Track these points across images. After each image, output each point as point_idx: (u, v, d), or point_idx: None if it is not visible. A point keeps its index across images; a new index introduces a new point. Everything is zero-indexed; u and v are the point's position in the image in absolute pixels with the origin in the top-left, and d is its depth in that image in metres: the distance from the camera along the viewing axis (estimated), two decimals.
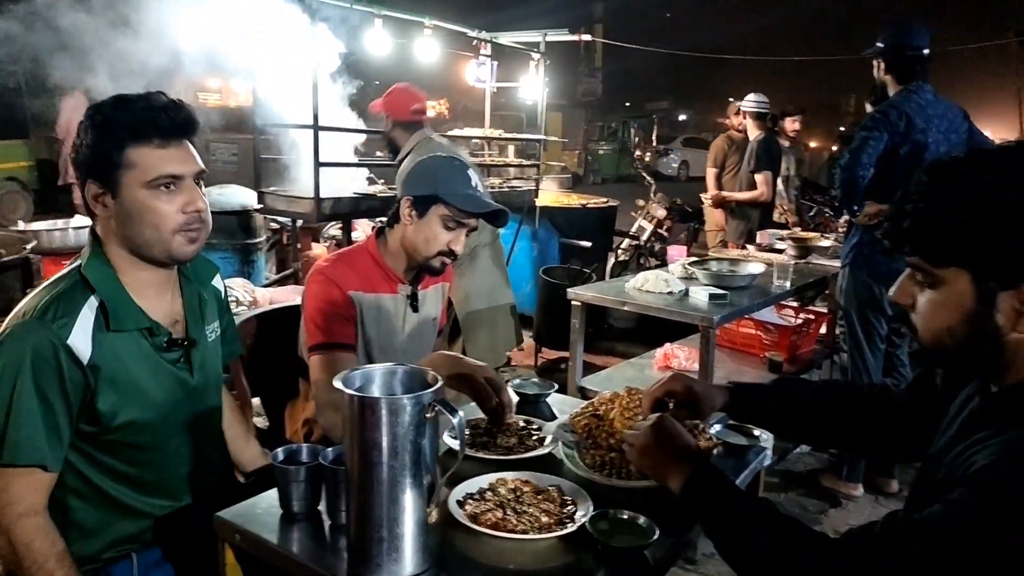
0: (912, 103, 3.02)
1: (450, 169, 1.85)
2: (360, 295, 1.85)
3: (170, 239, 1.35)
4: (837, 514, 3.22)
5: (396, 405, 1.04)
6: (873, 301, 3.16)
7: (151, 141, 1.32)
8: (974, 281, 0.95)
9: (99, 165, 1.32)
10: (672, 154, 23.13)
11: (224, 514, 1.21)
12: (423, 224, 1.83)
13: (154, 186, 1.32)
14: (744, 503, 1.06)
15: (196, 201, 1.37)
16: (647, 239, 6.52)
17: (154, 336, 1.40)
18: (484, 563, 1.13)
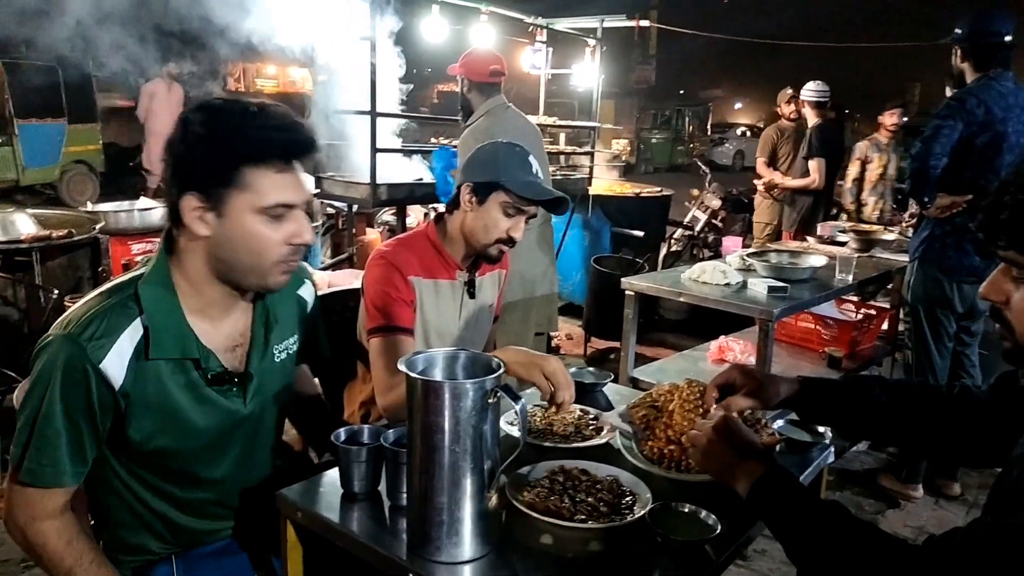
0: (991, 91, 2.88)
1: (511, 155, 1.84)
2: (419, 280, 1.86)
3: (269, 269, 1.25)
4: (895, 515, 3.13)
5: (459, 389, 1.04)
6: (942, 298, 3.04)
7: (272, 164, 1.19)
8: None
9: (207, 179, 1.18)
10: (727, 143, 22.71)
11: (286, 492, 1.24)
12: (483, 211, 1.82)
13: (266, 213, 1.20)
14: (816, 508, 1.03)
15: (304, 233, 1.25)
16: (701, 229, 6.42)
17: (201, 368, 1.29)
18: (542, 550, 1.13)
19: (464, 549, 1.07)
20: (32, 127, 10.13)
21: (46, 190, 10.62)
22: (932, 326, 3.11)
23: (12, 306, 3.41)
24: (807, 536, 1.01)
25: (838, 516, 1.00)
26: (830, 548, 0.97)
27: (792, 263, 3.13)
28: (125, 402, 1.22)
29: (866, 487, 3.33)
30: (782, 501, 1.07)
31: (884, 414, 1.32)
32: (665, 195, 6.14)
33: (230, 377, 1.33)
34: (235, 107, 1.21)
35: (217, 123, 1.19)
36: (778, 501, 1.08)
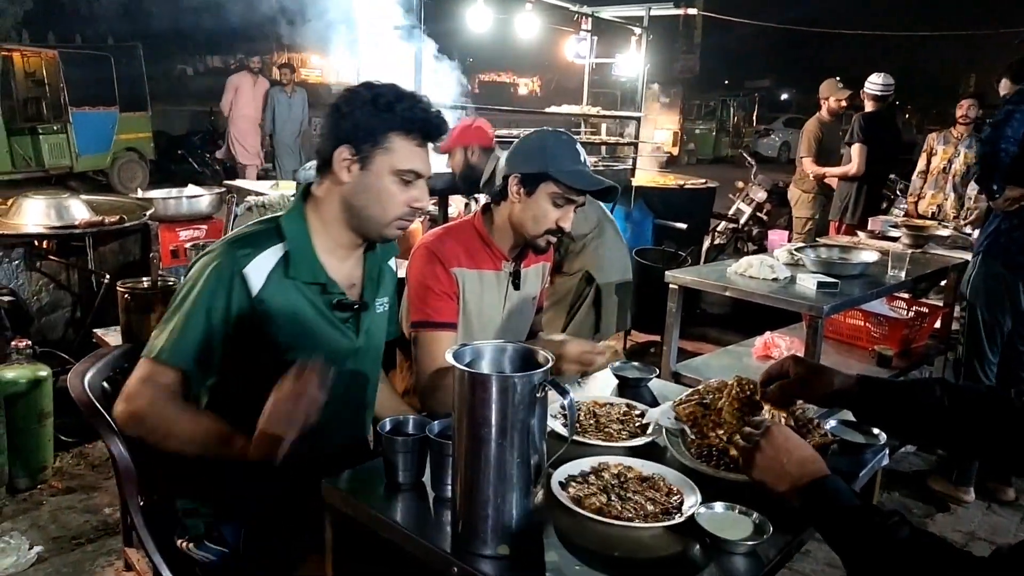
0: None
1: (559, 144, 1.81)
2: (463, 271, 1.85)
3: (389, 223, 1.48)
4: (944, 519, 3.04)
5: (507, 383, 1.03)
6: (1003, 295, 2.93)
7: (414, 138, 1.45)
8: None
9: (361, 136, 1.42)
10: (773, 135, 22.22)
11: (329, 481, 1.24)
12: (531, 202, 1.80)
13: (400, 175, 1.45)
14: (875, 519, 0.98)
15: (423, 200, 1.50)
16: (745, 222, 6.30)
17: (327, 293, 1.49)
18: (588, 548, 1.11)
19: (510, 544, 1.06)
20: (85, 115, 10.41)
21: (98, 177, 10.92)
22: (988, 325, 3.00)
23: (65, 290, 3.51)
24: (867, 550, 0.97)
25: (899, 528, 0.96)
26: (892, 562, 0.93)
27: (843, 258, 3.04)
28: (260, 309, 1.42)
29: (915, 489, 3.23)
30: (838, 512, 1.03)
31: (947, 419, 1.26)
32: (710, 187, 6.03)
33: (350, 305, 1.53)
34: (395, 88, 1.46)
35: (380, 95, 1.43)
36: (834, 512, 1.04)
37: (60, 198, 3.51)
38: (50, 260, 3.41)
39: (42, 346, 3.19)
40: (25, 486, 2.79)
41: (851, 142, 5.05)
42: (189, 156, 11.94)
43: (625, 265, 3.30)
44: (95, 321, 3.21)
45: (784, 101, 28.91)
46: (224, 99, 8.79)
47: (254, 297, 1.41)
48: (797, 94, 30.05)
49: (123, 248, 3.75)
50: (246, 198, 4.96)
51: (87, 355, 1.58)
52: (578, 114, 5.19)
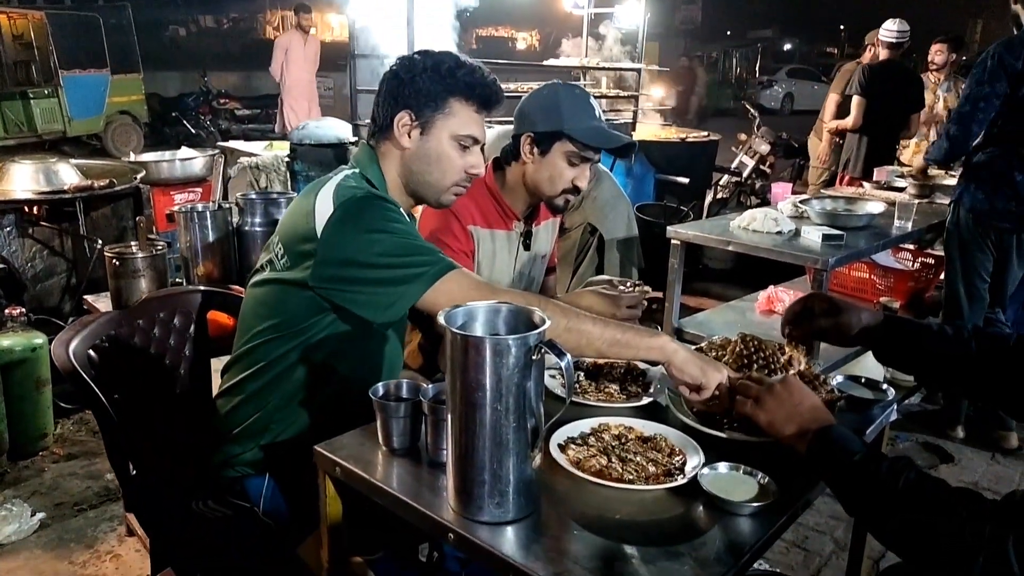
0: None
1: (573, 99, 1.73)
2: (478, 229, 1.79)
3: (446, 188, 1.49)
4: (948, 470, 3.03)
5: (501, 345, 0.98)
6: (974, 240, 3.00)
7: (473, 104, 1.46)
8: None
9: (422, 101, 1.43)
10: (776, 86, 21.83)
11: (323, 447, 1.21)
12: (546, 162, 1.73)
13: (459, 140, 1.46)
14: (883, 468, 0.96)
15: (480, 166, 1.50)
16: (748, 175, 6.19)
17: None
18: (588, 511, 1.08)
19: (507, 509, 1.03)
20: (76, 78, 10.23)
21: (92, 141, 10.80)
22: (966, 272, 3.04)
23: (59, 256, 3.46)
24: (873, 496, 0.95)
25: (905, 472, 0.93)
26: (897, 508, 0.91)
27: (848, 210, 2.98)
28: None
29: (917, 442, 3.23)
30: (845, 458, 1.01)
31: (973, 365, 1.23)
32: (712, 140, 5.92)
33: None
34: (455, 56, 1.47)
35: (441, 62, 1.44)
36: (840, 458, 1.02)
37: (48, 163, 3.44)
38: (42, 226, 3.36)
39: (37, 313, 3.16)
40: (26, 453, 2.79)
41: (851, 94, 4.93)
42: (183, 118, 11.78)
43: (628, 217, 3.25)
44: (89, 287, 3.17)
45: (787, 52, 28.30)
46: (273, 64, 7.72)
47: None
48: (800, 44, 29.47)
49: (116, 212, 3.69)
50: (239, 159, 4.89)
51: (71, 322, 1.54)
52: (577, 67, 5.06)
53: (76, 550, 2.33)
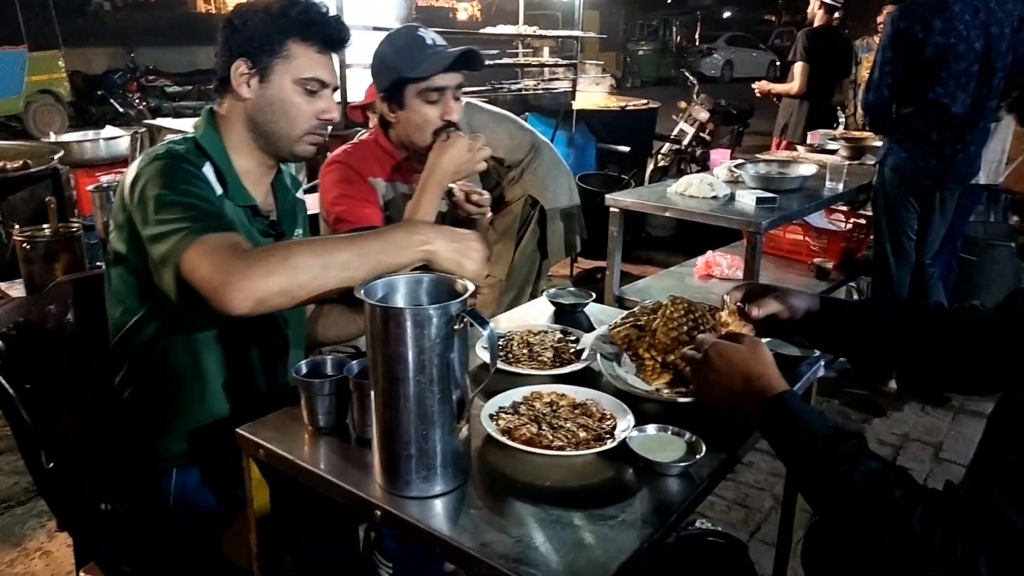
0: (933, 3, 2.85)
1: (400, 42, 1.71)
2: (379, 182, 1.77)
3: (297, 137, 1.38)
4: (881, 423, 3.15)
5: (421, 316, 0.96)
6: (899, 199, 3.10)
7: (314, 44, 1.36)
8: None
9: (258, 47, 1.33)
10: (716, 54, 22.05)
11: (245, 429, 1.17)
12: (408, 113, 1.71)
13: (303, 84, 1.36)
14: (832, 443, 0.95)
15: (332, 111, 1.40)
16: (689, 143, 6.24)
17: (256, 216, 1.42)
18: (519, 480, 1.07)
19: (435, 483, 1.02)
20: None
21: (12, 123, 10.25)
22: (892, 230, 3.15)
23: None
24: (822, 476, 0.94)
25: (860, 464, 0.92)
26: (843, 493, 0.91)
27: (781, 173, 3.03)
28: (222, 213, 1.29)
29: (851, 397, 3.33)
30: (793, 433, 1.00)
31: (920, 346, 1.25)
32: (651, 108, 5.94)
33: (276, 228, 1.46)
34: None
35: (278, 5, 1.34)
36: (789, 432, 1.01)
37: None
38: None
39: None
40: None
41: (794, 60, 4.99)
42: (110, 97, 11.28)
43: (569, 187, 3.22)
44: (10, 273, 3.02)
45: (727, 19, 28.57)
46: None
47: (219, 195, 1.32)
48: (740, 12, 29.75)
49: (33, 196, 3.50)
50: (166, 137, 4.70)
51: None
52: (514, 35, 4.99)
53: (3, 548, 2.24)
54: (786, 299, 1.30)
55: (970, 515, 0.80)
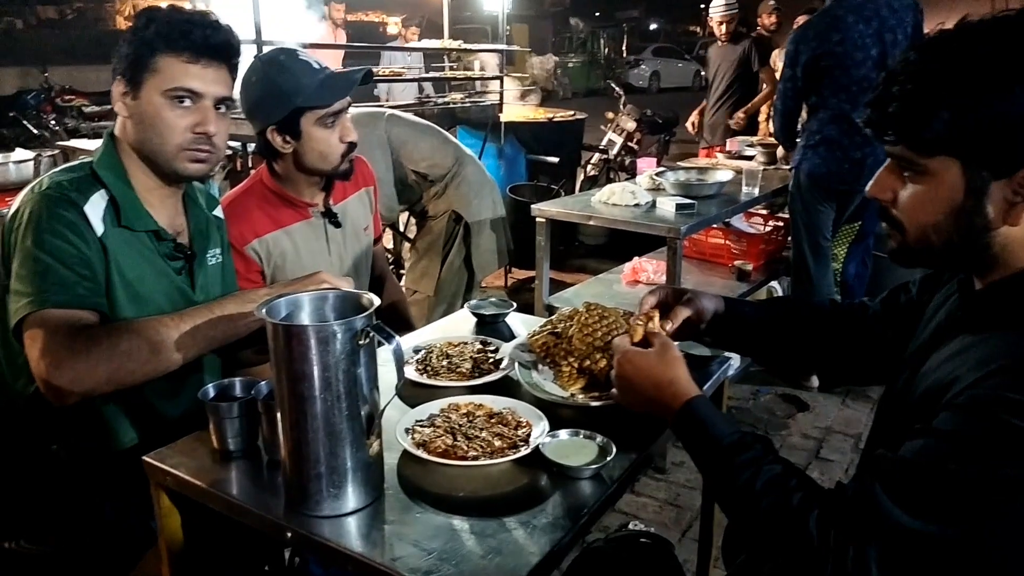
0: (828, 17, 3.04)
1: (287, 70, 1.64)
2: (264, 240, 1.72)
3: (173, 153, 1.34)
4: (804, 417, 3.26)
5: (325, 332, 0.95)
6: (815, 203, 3.24)
7: (181, 54, 1.32)
8: (965, 171, 0.87)
9: (132, 64, 1.32)
10: (643, 65, 22.57)
11: (152, 456, 1.14)
12: (305, 141, 1.65)
13: (171, 96, 1.32)
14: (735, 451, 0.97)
15: (207, 124, 1.35)
16: (617, 153, 6.37)
17: (161, 240, 1.40)
18: (434, 492, 1.07)
19: (347, 500, 1.01)
20: None
21: None
22: (809, 232, 3.28)
23: None
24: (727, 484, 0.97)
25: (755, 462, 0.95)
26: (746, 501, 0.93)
27: (700, 179, 3.12)
28: (104, 256, 1.29)
29: (776, 394, 3.44)
30: (701, 441, 1.02)
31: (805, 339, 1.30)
32: (578, 119, 6.03)
33: (183, 251, 1.44)
34: (168, 8, 1.34)
35: (143, 18, 1.33)
36: (697, 440, 1.03)
37: None
38: None
39: None
40: None
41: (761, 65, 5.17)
42: (23, 118, 10.78)
43: (494, 200, 3.24)
44: None
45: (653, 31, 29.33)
46: None
47: (99, 236, 1.29)
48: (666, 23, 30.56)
49: None
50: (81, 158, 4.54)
51: None
52: (439, 48, 5.01)
53: None
54: (696, 303, 1.33)
55: (857, 513, 0.83)
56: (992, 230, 0.89)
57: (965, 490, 0.78)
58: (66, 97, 11.46)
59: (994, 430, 0.78)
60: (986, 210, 0.87)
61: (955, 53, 0.86)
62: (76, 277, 1.23)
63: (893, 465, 0.85)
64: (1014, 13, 0.86)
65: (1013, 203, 0.86)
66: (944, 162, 0.88)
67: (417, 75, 4.71)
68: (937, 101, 0.86)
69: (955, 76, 0.85)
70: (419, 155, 3.08)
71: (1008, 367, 0.81)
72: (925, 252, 0.95)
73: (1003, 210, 0.87)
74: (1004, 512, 0.77)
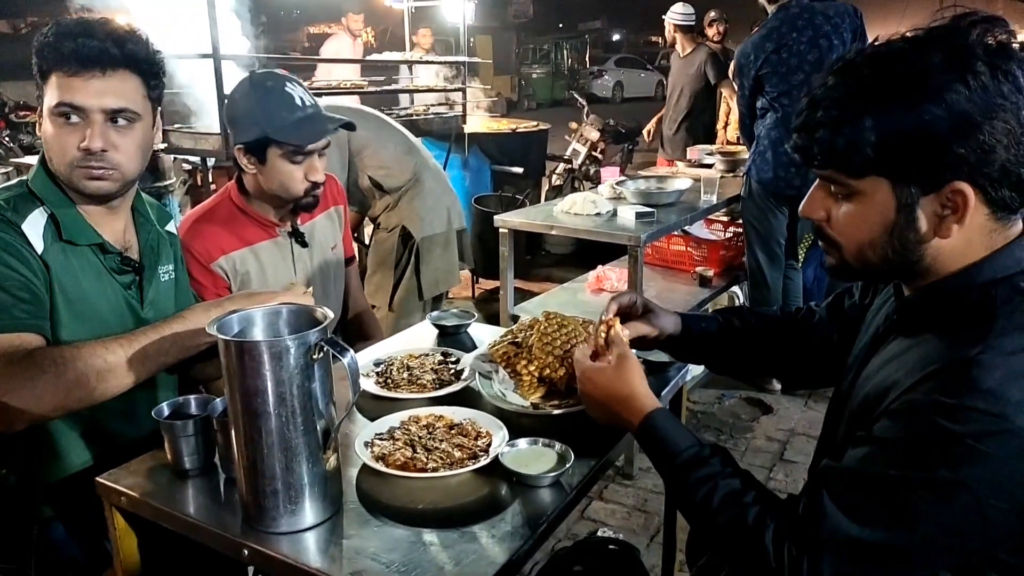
0: (776, 27, 3.16)
1: (268, 97, 1.62)
2: (230, 257, 1.71)
3: (70, 172, 1.28)
4: (768, 420, 3.31)
5: (278, 347, 0.95)
6: (765, 209, 3.32)
7: (62, 68, 1.25)
8: (894, 189, 0.88)
9: (38, 85, 1.28)
10: (606, 75, 22.82)
11: (105, 477, 1.12)
12: (269, 169, 1.65)
13: (55, 114, 1.26)
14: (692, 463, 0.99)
15: (93, 139, 1.25)
16: (581, 162, 6.43)
17: (106, 253, 1.35)
18: (394, 505, 1.07)
19: (304, 516, 1.00)
20: None
21: None
22: (761, 237, 3.35)
23: None
24: (687, 499, 0.99)
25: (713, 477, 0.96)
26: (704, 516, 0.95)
27: (659, 188, 3.16)
28: (46, 274, 1.26)
29: (740, 397, 3.49)
30: (661, 455, 1.04)
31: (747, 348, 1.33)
32: (542, 129, 6.08)
33: (130, 265, 1.40)
34: (63, 21, 1.28)
35: (40, 35, 1.26)
36: (657, 454, 1.05)
37: None
38: None
39: None
40: None
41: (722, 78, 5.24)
42: None
43: (450, 215, 3.18)
44: None
45: (616, 42, 29.71)
46: (319, 70, 6.77)
47: (40, 255, 1.25)
48: (628, 34, 30.97)
49: None
50: None
51: None
52: (401, 60, 5.02)
53: None
54: (654, 322, 1.35)
55: (808, 526, 0.86)
56: (925, 243, 0.90)
57: (904, 495, 0.81)
58: (20, 113, 11.22)
59: (929, 434, 0.81)
60: (918, 224, 0.89)
61: (872, 75, 0.87)
62: (13, 300, 1.20)
63: (838, 474, 0.87)
64: (923, 30, 0.88)
65: (943, 216, 0.88)
66: (874, 182, 0.89)
67: (379, 87, 4.71)
68: (861, 125, 0.87)
69: (874, 98, 0.86)
70: (376, 162, 3.04)
71: (940, 371, 0.83)
72: (863, 268, 0.97)
73: (934, 224, 0.89)
74: (941, 513, 0.80)
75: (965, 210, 0.86)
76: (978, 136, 0.82)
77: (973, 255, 0.90)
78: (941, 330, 0.89)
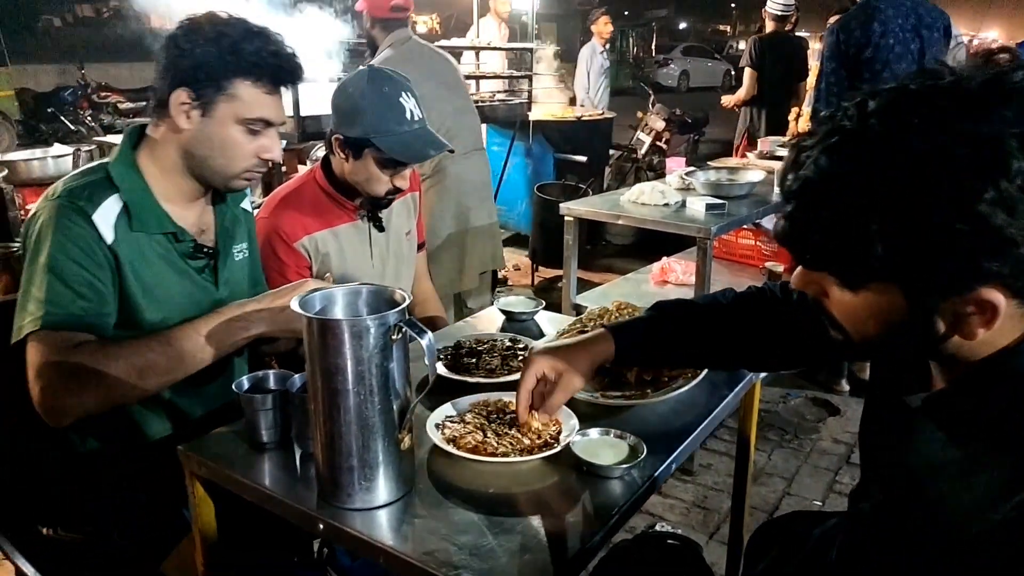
0: (868, 10, 3.00)
1: (379, 102, 1.63)
2: (312, 237, 1.74)
3: (236, 174, 1.37)
4: (835, 422, 3.21)
5: (359, 327, 0.96)
6: None
7: (262, 84, 1.32)
8: (906, 295, 0.75)
9: (203, 80, 1.28)
10: (672, 64, 22.42)
11: (188, 447, 1.15)
12: (359, 165, 1.68)
13: (246, 124, 1.33)
14: None
15: (273, 150, 1.37)
16: (645, 152, 6.34)
17: (180, 241, 1.39)
18: (463, 487, 1.08)
19: (378, 494, 1.02)
20: None
21: None
22: None
23: None
24: None
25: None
26: None
27: (730, 180, 3.08)
28: (116, 262, 1.29)
29: (807, 397, 3.40)
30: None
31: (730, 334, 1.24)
32: (607, 118, 6.03)
33: (204, 251, 1.43)
34: (241, 23, 1.31)
35: (223, 33, 1.28)
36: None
37: None
38: None
39: None
40: None
41: (743, 66, 5.13)
42: (60, 114, 11.03)
43: (470, 210, 3.03)
44: None
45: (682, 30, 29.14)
46: None
47: (109, 245, 1.28)
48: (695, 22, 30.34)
49: None
50: None
51: None
52: (467, 47, 5.02)
53: None
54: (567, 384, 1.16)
55: None
56: (947, 340, 0.77)
57: None
58: (102, 94, 11.70)
59: None
60: (936, 327, 0.76)
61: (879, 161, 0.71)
62: (74, 295, 1.23)
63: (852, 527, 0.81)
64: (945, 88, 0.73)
65: (967, 315, 0.73)
66: (881, 286, 0.76)
67: None
68: (865, 230, 0.71)
69: (881, 197, 0.71)
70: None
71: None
72: (874, 352, 0.89)
73: (952, 324, 0.75)
74: None
75: (995, 317, 0.72)
76: (1014, 251, 0.68)
77: (1004, 340, 0.76)
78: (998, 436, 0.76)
